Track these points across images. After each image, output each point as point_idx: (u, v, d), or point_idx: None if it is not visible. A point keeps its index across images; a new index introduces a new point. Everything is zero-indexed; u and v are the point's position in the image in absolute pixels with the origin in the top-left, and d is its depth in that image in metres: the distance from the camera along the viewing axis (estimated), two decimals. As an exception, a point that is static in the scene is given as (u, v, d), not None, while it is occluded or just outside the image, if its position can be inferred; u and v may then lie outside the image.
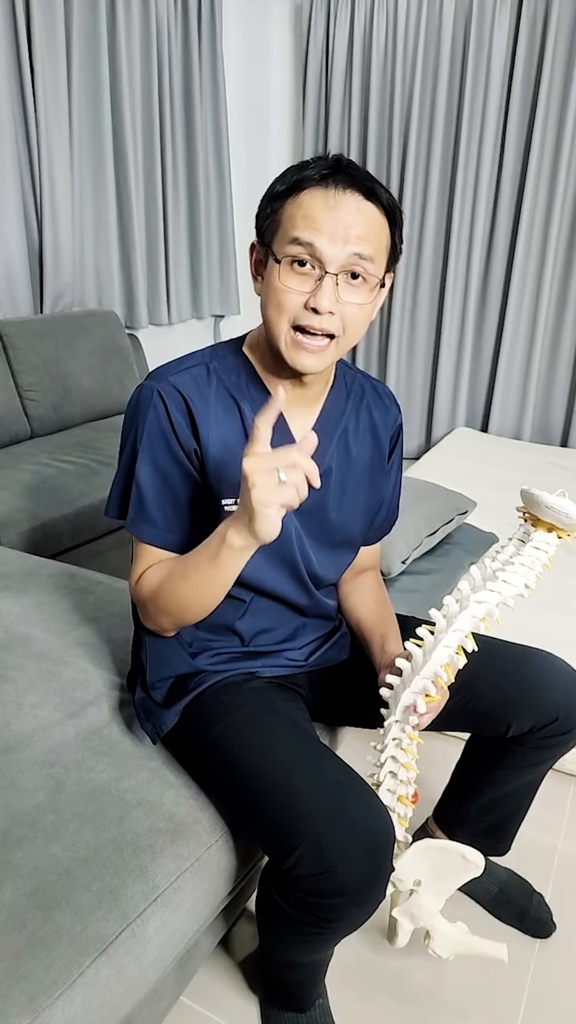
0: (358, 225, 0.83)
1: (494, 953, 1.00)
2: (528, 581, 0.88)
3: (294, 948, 0.94)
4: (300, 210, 0.83)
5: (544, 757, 1.10)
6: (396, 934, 1.02)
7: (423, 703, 0.91)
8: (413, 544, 1.85)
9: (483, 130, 3.25)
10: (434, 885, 0.98)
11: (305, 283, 0.84)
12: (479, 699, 1.05)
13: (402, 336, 3.68)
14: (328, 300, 0.83)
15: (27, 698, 1.12)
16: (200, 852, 0.91)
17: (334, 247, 0.82)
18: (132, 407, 0.95)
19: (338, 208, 0.82)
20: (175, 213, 3.31)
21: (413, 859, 0.96)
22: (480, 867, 0.95)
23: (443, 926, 1.00)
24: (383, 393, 1.09)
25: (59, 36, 2.60)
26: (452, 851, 0.96)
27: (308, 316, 0.85)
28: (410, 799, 0.97)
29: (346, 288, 0.85)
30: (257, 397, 0.96)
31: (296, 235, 0.83)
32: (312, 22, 3.41)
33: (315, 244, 0.82)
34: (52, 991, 0.72)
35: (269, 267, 0.87)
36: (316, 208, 0.82)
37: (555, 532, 0.88)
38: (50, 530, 2.00)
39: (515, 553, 0.89)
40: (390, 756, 0.96)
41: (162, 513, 0.94)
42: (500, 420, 3.61)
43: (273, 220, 0.86)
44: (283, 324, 0.86)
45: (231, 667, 1.02)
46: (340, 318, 0.85)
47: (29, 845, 0.87)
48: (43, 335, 2.61)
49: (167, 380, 0.92)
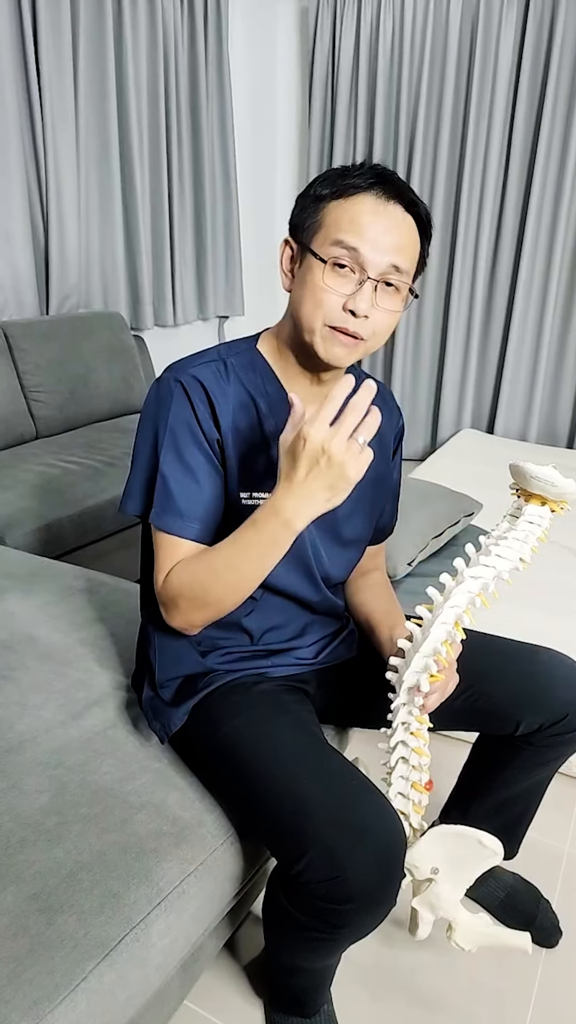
0: (400, 236, 0.87)
1: (518, 943, 0.99)
2: (523, 555, 0.88)
3: (301, 953, 0.93)
4: (347, 214, 0.86)
5: (553, 755, 1.09)
6: (417, 925, 1.01)
7: (427, 682, 0.91)
8: (419, 546, 1.84)
9: (489, 131, 3.24)
10: (452, 873, 0.97)
11: (345, 285, 0.87)
12: (488, 697, 1.05)
13: (408, 337, 3.67)
14: (366, 304, 0.86)
15: (31, 699, 1.12)
16: (205, 855, 0.90)
17: (376, 254, 0.85)
18: (153, 399, 0.94)
19: (385, 217, 0.86)
20: (181, 215, 3.31)
21: (429, 846, 0.95)
22: (499, 853, 0.94)
23: (465, 917, 0.99)
24: (386, 395, 1.11)
25: (65, 38, 2.61)
26: (468, 836, 0.94)
27: (344, 318, 0.87)
28: (424, 785, 0.96)
29: (382, 295, 0.88)
30: (273, 394, 0.96)
31: (341, 238, 0.85)
32: (318, 23, 3.41)
33: (359, 249, 0.85)
34: (55, 996, 0.71)
35: (308, 265, 0.88)
36: (364, 214, 0.85)
37: (547, 505, 0.88)
38: (55, 530, 2.00)
39: (509, 528, 0.89)
40: (400, 741, 0.96)
41: (189, 505, 0.93)
42: (506, 421, 3.59)
43: (315, 220, 0.88)
44: (318, 321, 0.88)
45: (241, 667, 1.01)
46: (372, 323, 0.88)
47: (32, 848, 0.86)
48: (49, 336, 2.61)
49: (188, 372, 0.92)
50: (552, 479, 0.83)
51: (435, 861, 0.96)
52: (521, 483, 0.87)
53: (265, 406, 0.95)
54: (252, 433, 0.95)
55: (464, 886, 0.98)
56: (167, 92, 3.10)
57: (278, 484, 0.81)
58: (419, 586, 1.81)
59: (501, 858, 0.95)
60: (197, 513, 0.93)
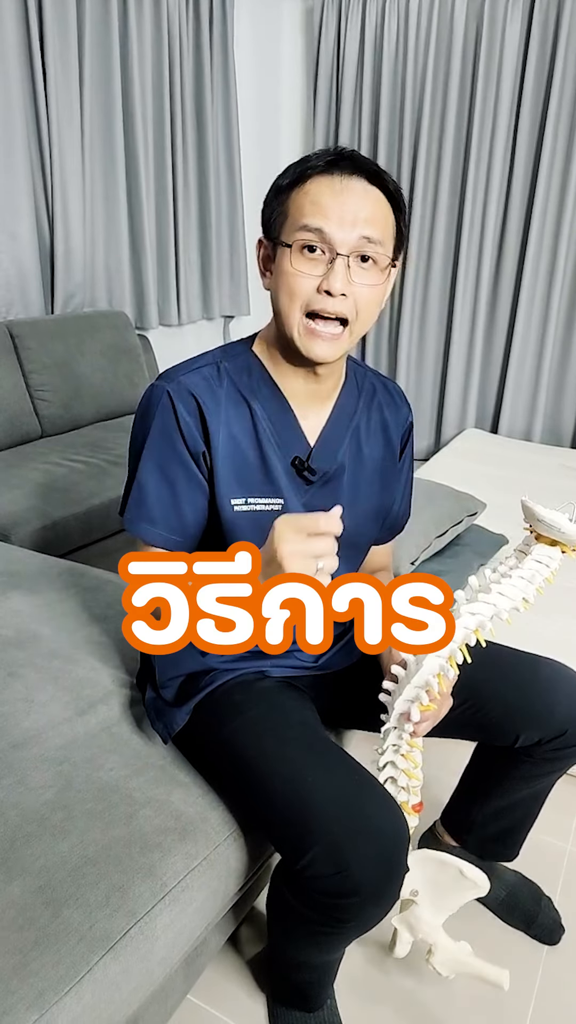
0: (365, 208, 0.84)
1: (495, 979, 0.97)
2: (527, 595, 0.85)
3: (306, 948, 0.93)
4: (307, 197, 0.84)
5: (552, 768, 1.08)
6: (396, 943, 1.01)
7: (417, 712, 0.90)
8: (422, 545, 1.84)
9: (494, 129, 3.24)
10: (432, 898, 0.96)
11: (316, 267, 0.85)
12: (486, 710, 1.04)
13: (412, 336, 3.67)
14: (340, 282, 0.84)
15: (37, 696, 1.13)
16: (208, 851, 0.91)
17: (343, 230, 0.83)
18: (142, 408, 0.95)
19: (345, 192, 0.83)
20: (186, 214, 3.32)
21: (410, 868, 0.95)
22: (482, 887, 0.93)
23: (445, 942, 0.98)
24: (394, 391, 1.09)
25: (71, 37, 2.62)
26: (450, 865, 0.94)
27: (321, 300, 0.85)
28: (412, 808, 0.96)
29: (357, 270, 0.86)
30: (268, 395, 0.96)
31: (305, 222, 0.84)
32: (323, 22, 3.41)
33: (324, 229, 0.83)
34: (60, 987, 0.72)
35: (279, 256, 0.88)
36: (323, 194, 0.84)
37: (559, 547, 0.84)
38: (60, 529, 2.01)
39: (515, 565, 0.86)
40: (389, 762, 0.95)
41: (162, 513, 0.94)
42: (510, 421, 3.59)
43: (280, 212, 0.87)
44: (295, 311, 0.87)
45: (241, 665, 1.02)
46: (353, 301, 0.86)
47: (38, 842, 0.87)
48: (54, 335, 2.62)
49: (177, 380, 0.92)
50: (560, 525, 0.80)
51: (415, 884, 0.96)
52: (531, 523, 0.85)
53: (260, 409, 0.95)
54: (246, 437, 0.94)
55: (446, 912, 0.97)
56: (172, 91, 3.11)
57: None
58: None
59: (485, 891, 0.93)
60: (169, 522, 0.94)
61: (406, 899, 0.97)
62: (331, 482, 1.00)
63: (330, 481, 1.00)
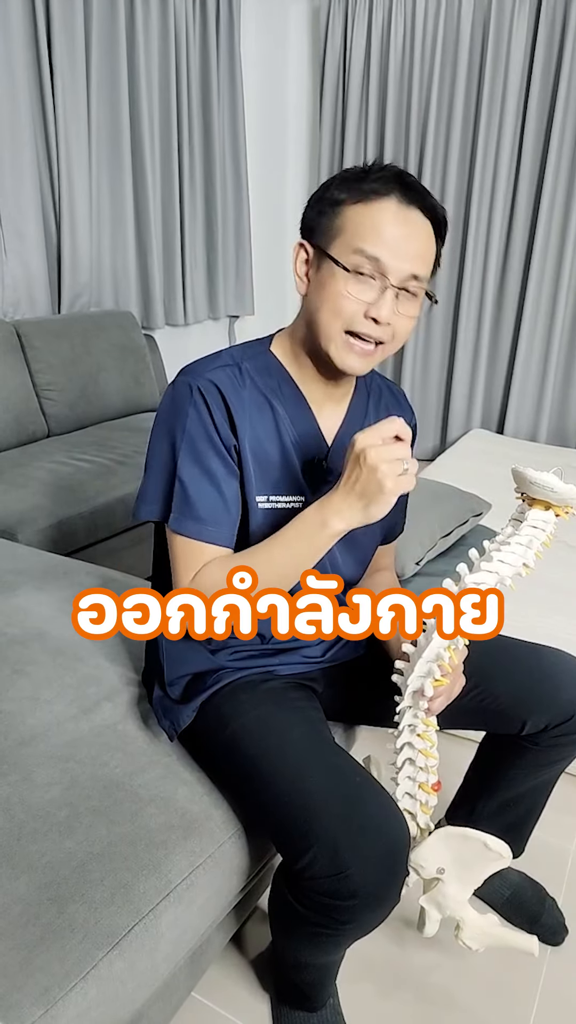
0: (419, 244, 0.87)
1: (525, 946, 0.99)
2: (526, 560, 0.87)
3: (306, 948, 0.94)
4: (369, 220, 0.85)
5: (559, 756, 1.10)
6: (424, 923, 1.01)
7: (430, 687, 0.91)
8: (427, 546, 1.84)
9: (501, 132, 3.24)
10: (459, 874, 0.97)
11: (365, 292, 0.87)
12: (493, 697, 1.05)
13: (418, 336, 3.67)
14: (388, 311, 0.87)
15: (43, 693, 1.13)
16: (213, 849, 0.91)
17: (397, 261, 0.86)
18: (168, 404, 0.94)
19: (407, 226, 0.86)
20: (192, 214, 3.33)
21: (434, 846, 0.95)
22: (505, 856, 0.94)
23: (473, 916, 1.00)
24: (398, 395, 1.12)
25: (78, 38, 2.63)
26: (473, 838, 0.95)
27: (365, 324, 0.88)
28: (431, 786, 0.97)
29: (402, 301, 0.89)
30: (290, 397, 0.97)
31: (363, 247, 0.85)
32: (330, 24, 3.41)
33: (381, 259, 0.85)
34: (65, 983, 0.72)
35: (327, 271, 0.88)
36: (385, 223, 0.85)
37: (552, 510, 0.86)
38: (66, 528, 2.02)
39: (512, 533, 0.88)
40: (406, 742, 0.96)
41: (209, 511, 0.93)
42: (516, 422, 3.59)
43: (334, 225, 0.88)
44: (337, 328, 0.89)
45: (249, 665, 1.02)
46: (392, 328, 0.89)
47: (44, 838, 0.87)
48: (61, 335, 2.63)
49: (204, 376, 0.92)
50: (552, 484, 0.82)
51: (441, 861, 0.96)
52: (523, 488, 0.86)
53: (282, 409, 0.96)
54: (269, 437, 0.95)
55: (471, 887, 0.98)
56: (179, 92, 3.11)
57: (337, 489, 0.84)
58: (427, 585, 1.81)
59: (509, 861, 0.94)
60: (218, 518, 0.93)
61: (432, 878, 0.98)
62: None
63: None
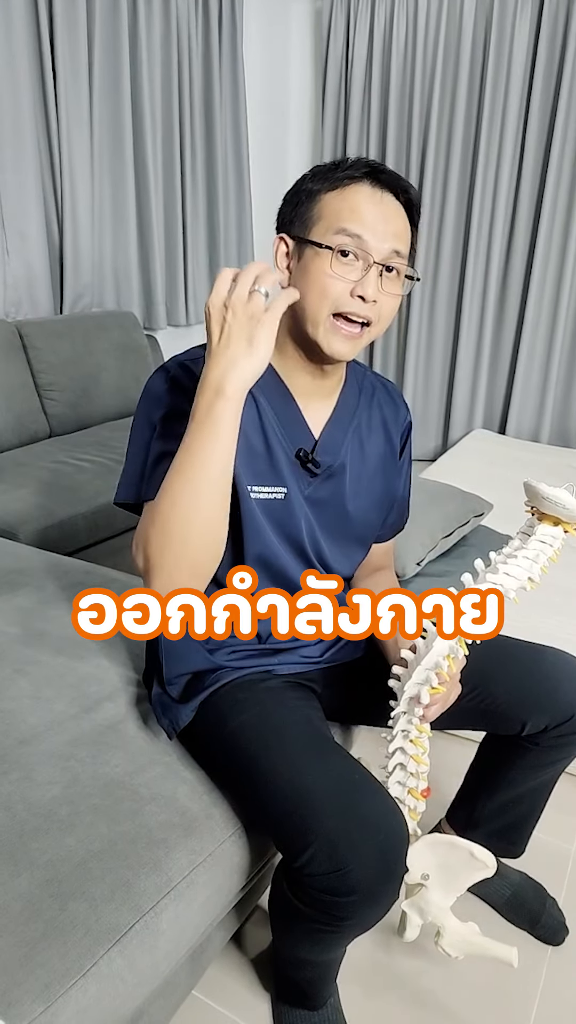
0: (397, 224, 0.89)
1: (504, 956, 0.99)
2: (532, 574, 0.87)
3: (306, 946, 0.94)
4: (347, 203, 0.88)
5: (559, 756, 1.10)
6: (405, 927, 1.02)
7: (427, 694, 0.91)
8: (428, 546, 1.84)
9: (503, 132, 3.24)
10: (443, 881, 0.97)
11: (350, 272, 0.88)
12: (493, 698, 1.05)
13: (420, 336, 3.67)
14: (373, 288, 0.88)
15: (44, 692, 1.14)
16: (213, 847, 0.91)
17: (378, 240, 0.88)
18: (153, 387, 0.94)
19: (383, 206, 0.89)
20: (194, 215, 3.33)
21: (420, 852, 0.96)
22: (490, 867, 0.95)
23: (454, 924, 1.00)
24: (392, 391, 1.12)
25: (81, 38, 2.63)
26: (460, 847, 0.95)
27: (352, 303, 0.89)
28: (420, 793, 0.97)
29: (385, 279, 0.90)
30: (272, 388, 0.97)
31: (344, 226, 0.87)
32: (332, 23, 3.41)
33: (363, 236, 0.87)
34: (66, 980, 0.73)
35: (310, 256, 0.90)
36: (363, 203, 0.88)
37: (561, 526, 0.87)
38: (67, 528, 2.02)
39: (519, 546, 0.88)
40: (398, 748, 0.96)
41: None
42: (518, 422, 3.59)
43: (312, 214, 0.90)
44: (324, 310, 0.89)
45: (248, 664, 1.02)
46: (378, 307, 0.90)
47: (45, 836, 0.88)
48: (63, 335, 2.63)
49: (184, 365, 0.93)
50: (564, 501, 0.82)
51: (426, 867, 0.97)
52: (534, 502, 0.86)
53: (264, 401, 0.96)
54: (252, 427, 0.95)
55: (455, 894, 0.99)
56: (181, 92, 3.12)
57: (205, 361, 0.79)
58: (428, 585, 1.81)
59: (493, 871, 0.95)
60: None
61: (416, 883, 0.98)
62: (334, 476, 1.02)
63: (333, 475, 1.02)
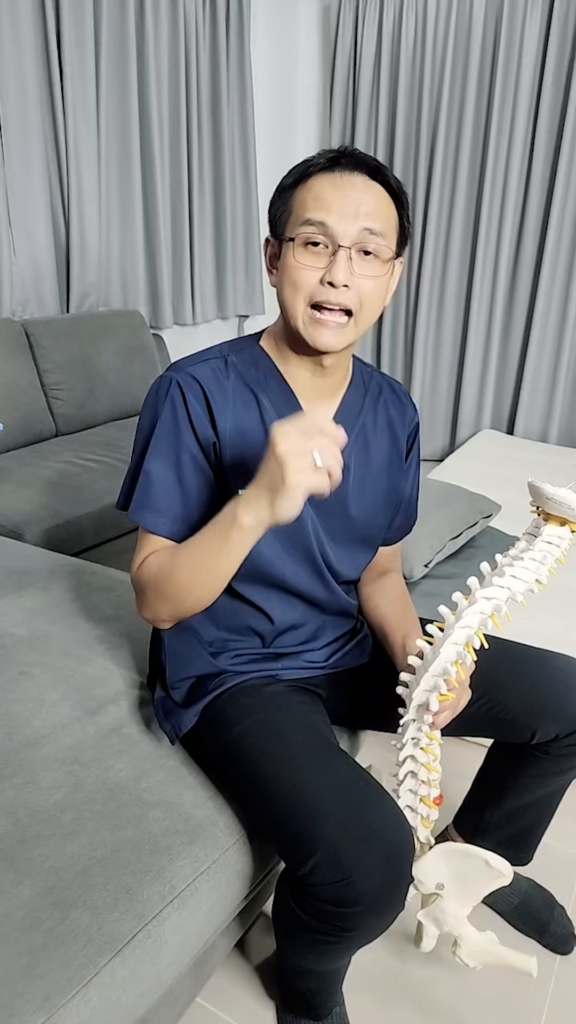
0: (366, 202, 0.86)
1: (523, 965, 0.97)
2: (539, 576, 0.85)
3: (310, 956, 0.92)
4: (310, 193, 0.86)
5: (569, 765, 1.08)
6: (422, 938, 1.00)
7: (436, 701, 0.90)
8: (436, 548, 1.83)
9: (513, 128, 3.21)
10: (458, 890, 0.96)
11: (319, 260, 0.86)
12: (503, 706, 1.04)
13: (428, 336, 3.65)
14: (343, 273, 0.85)
15: (48, 695, 1.13)
16: (217, 854, 0.90)
17: (344, 223, 0.85)
18: (150, 398, 0.95)
19: (346, 187, 0.85)
20: (201, 213, 3.32)
21: (434, 862, 0.94)
22: (507, 875, 0.93)
23: (471, 934, 0.98)
24: (400, 392, 1.10)
25: (88, 36, 2.62)
26: (475, 856, 0.94)
27: (325, 291, 0.86)
28: (433, 800, 0.96)
29: (359, 262, 0.87)
30: (276, 389, 0.96)
31: (308, 216, 0.86)
32: (340, 21, 3.40)
33: (326, 222, 0.85)
34: (67, 990, 0.72)
35: (284, 251, 0.89)
36: (325, 189, 0.86)
37: (567, 526, 0.85)
38: (73, 528, 2.02)
39: (525, 548, 0.87)
40: (409, 755, 0.95)
41: (169, 503, 0.93)
42: (526, 422, 3.56)
43: (284, 210, 0.89)
44: (300, 303, 0.88)
45: (252, 669, 1.01)
46: (356, 293, 0.87)
47: (47, 842, 0.87)
48: (69, 334, 2.63)
49: (185, 371, 0.93)
50: (569, 501, 0.81)
51: (440, 877, 0.95)
52: (539, 502, 0.85)
53: (268, 402, 0.95)
54: (254, 429, 0.94)
55: (471, 903, 0.97)
56: (188, 90, 3.11)
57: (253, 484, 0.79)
58: (435, 588, 1.80)
59: (509, 880, 0.93)
60: (174, 511, 0.93)
61: (431, 893, 0.97)
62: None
63: None
